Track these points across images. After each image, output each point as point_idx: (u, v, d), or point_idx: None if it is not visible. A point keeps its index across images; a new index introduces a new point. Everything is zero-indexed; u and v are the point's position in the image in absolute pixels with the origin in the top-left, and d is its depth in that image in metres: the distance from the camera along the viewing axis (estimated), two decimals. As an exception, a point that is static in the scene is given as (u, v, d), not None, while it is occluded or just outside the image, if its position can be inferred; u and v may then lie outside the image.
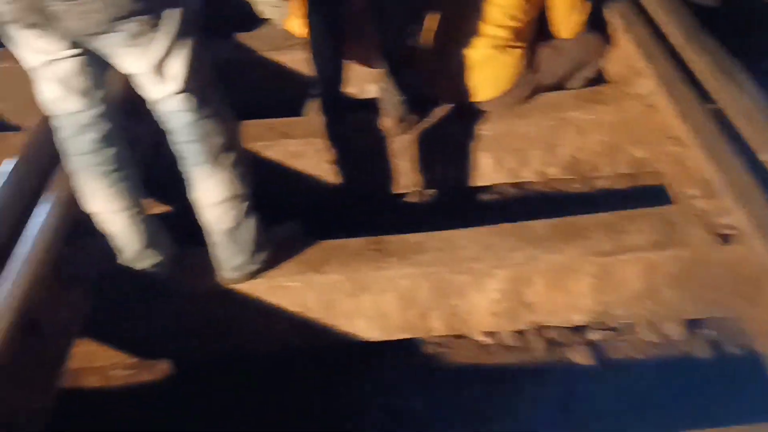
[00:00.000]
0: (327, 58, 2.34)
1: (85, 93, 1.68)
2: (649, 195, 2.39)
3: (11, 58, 2.81)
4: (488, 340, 2.11)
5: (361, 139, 2.48)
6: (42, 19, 1.51)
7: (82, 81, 1.66)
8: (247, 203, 1.83)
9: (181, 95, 1.65)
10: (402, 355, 2.09)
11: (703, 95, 2.19)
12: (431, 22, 2.47)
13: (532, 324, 2.04)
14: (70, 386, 1.90)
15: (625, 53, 2.53)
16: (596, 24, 2.64)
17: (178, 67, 1.61)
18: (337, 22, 2.28)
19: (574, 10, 2.50)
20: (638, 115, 2.40)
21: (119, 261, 1.91)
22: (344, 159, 2.46)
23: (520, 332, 2.10)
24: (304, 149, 2.49)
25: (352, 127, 2.46)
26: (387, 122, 2.43)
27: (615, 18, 2.63)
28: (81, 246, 1.96)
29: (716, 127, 2.04)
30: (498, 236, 2.02)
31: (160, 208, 2.35)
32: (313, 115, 2.54)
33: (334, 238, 2.09)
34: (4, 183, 1.99)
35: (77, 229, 1.96)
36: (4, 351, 1.50)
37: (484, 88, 2.42)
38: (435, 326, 2.03)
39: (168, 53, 1.59)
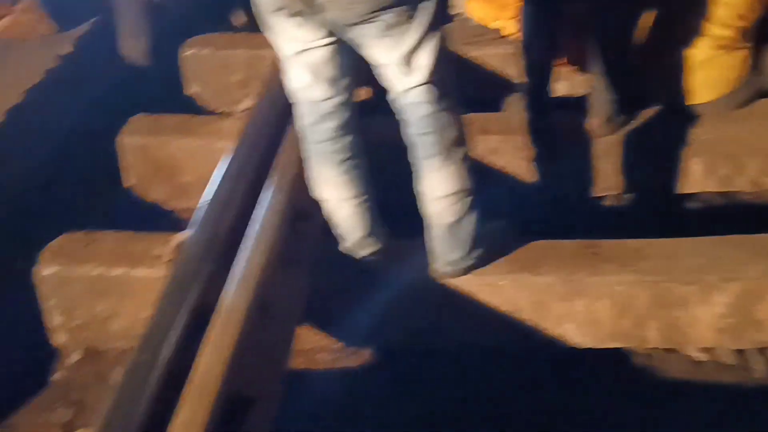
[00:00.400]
0: (537, 55, 2.30)
1: (331, 81, 1.73)
2: None
3: (200, 43, 3.03)
4: (703, 356, 1.99)
5: (564, 138, 2.41)
6: (306, 9, 1.56)
7: (331, 69, 1.71)
8: (470, 198, 1.82)
9: (424, 87, 1.66)
10: (609, 364, 2.02)
11: None
12: (647, 19, 2.37)
13: (757, 343, 1.92)
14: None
15: None
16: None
17: (425, 58, 1.63)
18: (554, 19, 2.23)
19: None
20: None
21: (340, 248, 1.94)
22: (544, 157, 2.41)
23: (739, 351, 1.98)
24: (503, 146, 2.45)
25: (556, 126, 2.40)
26: (594, 122, 2.35)
27: None
28: (302, 231, 2.00)
29: None
30: (727, 248, 1.91)
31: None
32: (513, 111, 2.50)
33: (530, 237, 2.05)
34: (227, 168, 2.06)
35: (298, 215, 2.00)
36: (243, 333, 1.55)
37: (702, 90, 2.30)
38: (650, 337, 1.94)
39: (418, 44, 1.60)
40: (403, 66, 1.63)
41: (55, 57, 2.94)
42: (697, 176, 2.39)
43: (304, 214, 2.02)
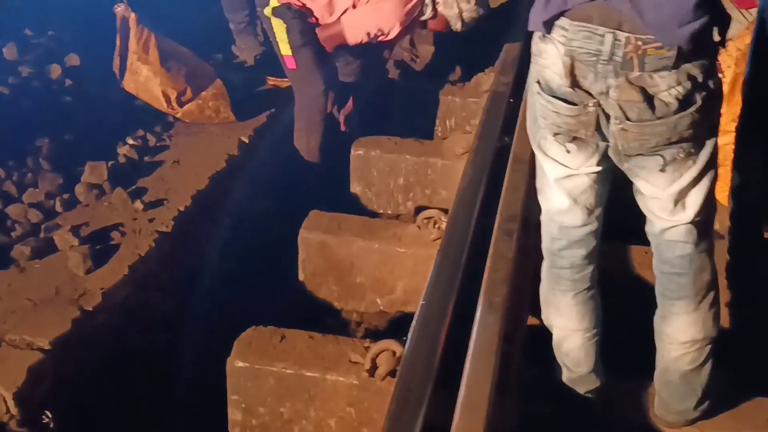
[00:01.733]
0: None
1: (588, 209, 1.72)
2: None
3: (369, 145, 3.06)
4: None
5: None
6: (591, 136, 1.57)
7: (590, 196, 1.71)
8: (710, 346, 1.74)
9: (688, 225, 1.63)
10: None
11: None
12: None
13: None
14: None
15: None
16: None
17: (696, 197, 1.61)
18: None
19: None
20: None
21: (561, 377, 1.86)
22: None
23: None
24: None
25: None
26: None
27: None
28: (509, 354, 1.92)
29: None
30: None
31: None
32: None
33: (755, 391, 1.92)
34: (436, 282, 2.02)
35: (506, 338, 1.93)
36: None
37: None
38: None
39: (694, 182, 1.59)
40: (671, 202, 1.61)
41: (235, 144, 3.01)
42: None
43: (509, 336, 1.95)
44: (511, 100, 3.11)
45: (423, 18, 3.17)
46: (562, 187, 1.70)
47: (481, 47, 4.04)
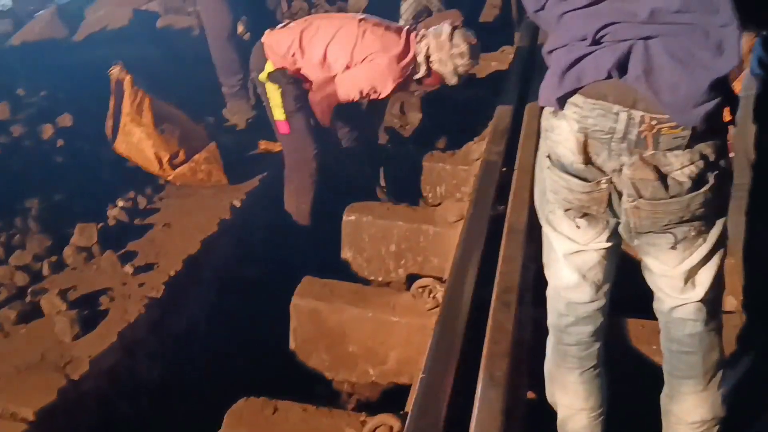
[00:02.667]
0: None
1: (597, 285, 1.71)
2: None
3: (361, 210, 3.06)
4: None
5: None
6: (603, 213, 1.57)
7: (599, 272, 1.70)
8: (718, 427, 1.71)
9: (698, 304, 1.63)
10: None
11: None
12: None
13: None
14: None
15: None
16: None
17: (706, 275, 1.60)
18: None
19: None
20: None
21: None
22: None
23: None
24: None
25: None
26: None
27: None
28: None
29: None
30: None
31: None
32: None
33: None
34: (435, 356, 1.99)
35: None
36: None
37: None
38: None
39: (704, 260, 1.58)
40: (682, 280, 1.61)
41: (227, 207, 2.99)
42: None
43: (510, 411, 1.92)
44: (504, 169, 3.14)
45: (417, 76, 3.20)
46: (571, 263, 1.70)
47: (468, 116, 4.11)
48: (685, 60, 1.40)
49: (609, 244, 1.66)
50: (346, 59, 3.02)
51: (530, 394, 2.28)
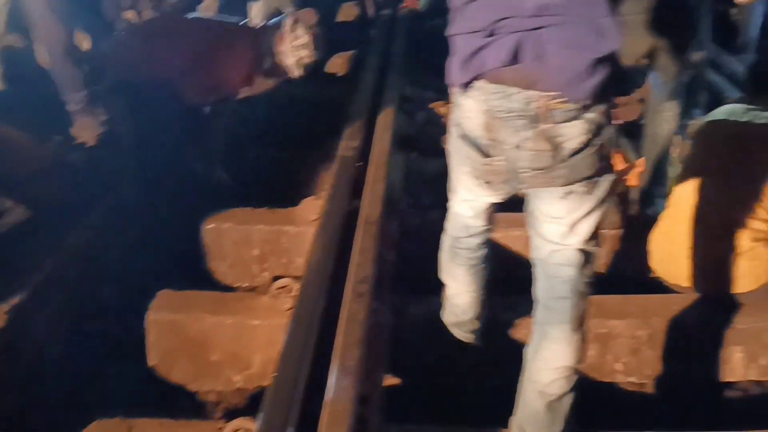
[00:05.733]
0: None
1: (486, 217, 2.05)
2: None
3: (222, 218, 3.01)
4: None
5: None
6: (500, 182, 1.83)
7: (489, 211, 2.03)
8: (576, 378, 1.85)
9: (575, 251, 1.78)
10: None
11: None
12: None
13: None
14: None
15: None
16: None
17: (587, 226, 1.77)
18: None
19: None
20: None
21: (444, 319, 2.28)
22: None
23: None
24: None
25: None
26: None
27: None
28: (365, 418, 1.90)
29: None
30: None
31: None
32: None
33: None
34: (289, 352, 1.98)
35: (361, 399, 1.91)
36: None
37: (743, 280, 2.37)
38: None
39: (589, 212, 1.76)
40: (565, 227, 1.77)
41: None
42: (738, 365, 2.40)
43: (365, 398, 1.94)
44: (359, 164, 3.17)
45: (262, 71, 3.18)
46: (469, 204, 2.00)
47: (325, 114, 4.13)
48: (572, 45, 1.61)
49: (502, 199, 1.94)
50: (190, 60, 2.97)
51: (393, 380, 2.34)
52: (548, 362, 1.82)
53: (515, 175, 1.75)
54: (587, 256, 1.79)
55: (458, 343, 2.30)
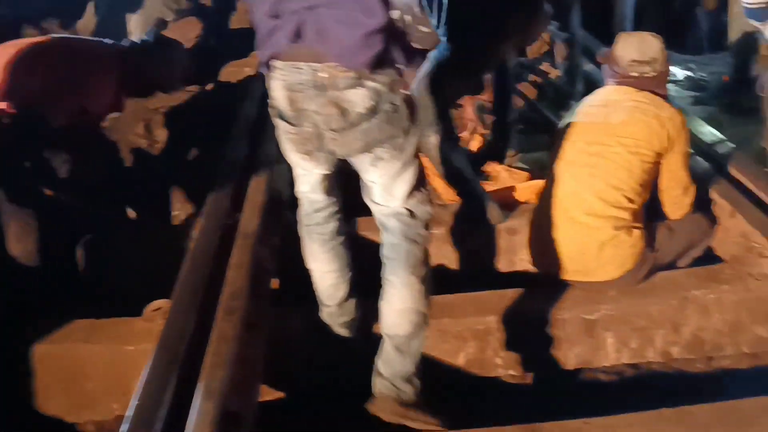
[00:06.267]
0: None
1: (326, 192, 2.20)
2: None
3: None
4: None
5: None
6: (315, 148, 2.02)
7: (326, 185, 2.19)
8: (424, 319, 2.07)
9: (400, 209, 2.04)
10: None
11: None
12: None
13: None
14: None
15: (738, 233, 2.58)
16: (702, 205, 2.73)
17: (401, 188, 2.02)
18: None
19: (683, 193, 2.58)
20: (764, 295, 2.41)
21: (320, 314, 2.34)
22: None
23: None
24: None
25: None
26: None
27: (720, 199, 2.72)
28: None
29: None
30: (661, 422, 1.95)
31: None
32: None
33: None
34: (152, 374, 1.94)
35: (228, 420, 1.88)
36: None
37: (608, 267, 2.44)
38: None
39: (398, 174, 2.00)
40: (384, 190, 2.03)
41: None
42: (611, 350, 2.48)
43: (234, 417, 1.91)
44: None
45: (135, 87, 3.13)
46: (305, 179, 2.18)
47: (219, 124, 4.06)
48: (345, 21, 1.84)
49: (329, 171, 2.12)
50: (51, 83, 2.88)
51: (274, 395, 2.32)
52: (392, 306, 2.05)
53: (322, 140, 1.97)
54: (412, 212, 2.03)
55: (340, 344, 2.36)
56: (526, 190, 3.08)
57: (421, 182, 2.07)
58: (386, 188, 2.02)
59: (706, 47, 5.68)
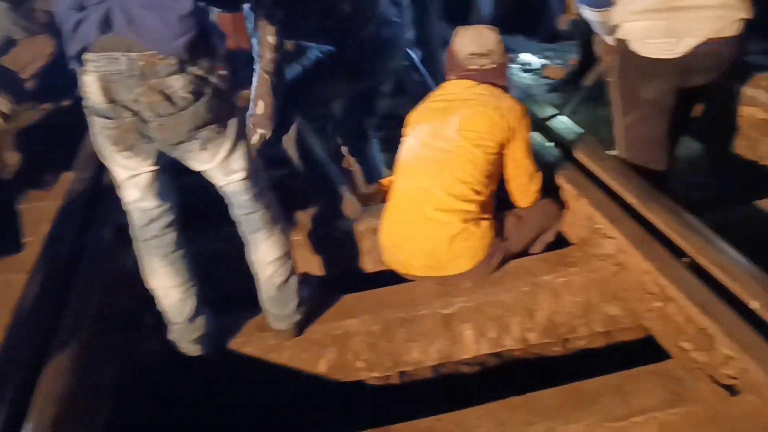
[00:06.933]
0: None
1: (157, 194, 2.12)
2: (627, 352, 2.45)
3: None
4: None
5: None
6: (138, 140, 1.97)
7: (155, 187, 2.11)
8: (291, 261, 2.28)
9: (241, 182, 2.13)
10: None
11: (672, 250, 2.30)
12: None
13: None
14: None
15: (584, 216, 2.65)
16: (550, 191, 2.79)
17: (238, 160, 2.10)
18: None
19: (529, 180, 2.63)
20: (609, 275, 2.48)
21: (168, 337, 2.27)
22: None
23: None
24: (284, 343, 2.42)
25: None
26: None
27: (567, 184, 2.79)
28: None
29: (696, 279, 2.13)
30: (509, 411, 1.97)
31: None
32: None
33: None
34: None
35: None
36: None
37: (460, 260, 2.46)
38: None
39: (231, 151, 2.07)
40: (221, 170, 2.09)
41: None
42: (470, 341, 2.50)
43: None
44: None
45: None
46: (131, 184, 2.08)
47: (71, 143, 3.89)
48: (152, 6, 1.83)
49: (157, 166, 2.07)
50: None
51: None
52: (264, 259, 2.21)
53: (146, 130, 1.95)
54: (254, 180, 2.14)
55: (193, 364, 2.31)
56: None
57: (251, 152, 2.16)
58: (221, 166, 2.08)
59: (561, 35, 5.85)
